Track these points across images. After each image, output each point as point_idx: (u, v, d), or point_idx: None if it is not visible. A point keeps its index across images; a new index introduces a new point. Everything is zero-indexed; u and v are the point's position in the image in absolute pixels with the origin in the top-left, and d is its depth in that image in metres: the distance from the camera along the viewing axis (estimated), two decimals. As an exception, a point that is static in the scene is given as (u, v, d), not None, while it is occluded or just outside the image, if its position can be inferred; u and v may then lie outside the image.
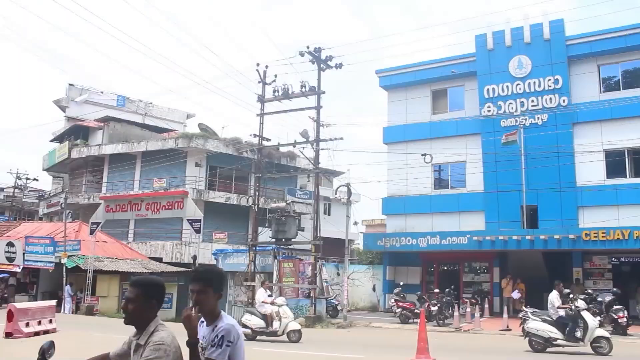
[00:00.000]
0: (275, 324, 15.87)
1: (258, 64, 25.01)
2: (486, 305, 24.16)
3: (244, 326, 15.66)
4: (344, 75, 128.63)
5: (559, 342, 13.96)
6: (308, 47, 23.57)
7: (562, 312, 14.07)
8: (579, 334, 13.74)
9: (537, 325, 14.22)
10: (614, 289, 20.51)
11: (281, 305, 16.22)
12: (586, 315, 13.94)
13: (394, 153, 28.89)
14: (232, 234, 33.60)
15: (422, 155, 26.17)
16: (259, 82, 25.35)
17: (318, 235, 23.35)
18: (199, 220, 26.50)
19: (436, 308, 21.42)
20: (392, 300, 23.61)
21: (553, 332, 13.99)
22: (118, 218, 33.55)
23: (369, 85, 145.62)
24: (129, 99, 46.79)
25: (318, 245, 23.33)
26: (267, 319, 15.94)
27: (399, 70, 30.51)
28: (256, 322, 16.03)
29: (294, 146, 25.55)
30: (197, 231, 26.67)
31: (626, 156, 24.73)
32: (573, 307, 14.00)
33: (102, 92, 45.43)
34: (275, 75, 24.85)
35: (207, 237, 31.71)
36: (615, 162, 24.88)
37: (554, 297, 14.33)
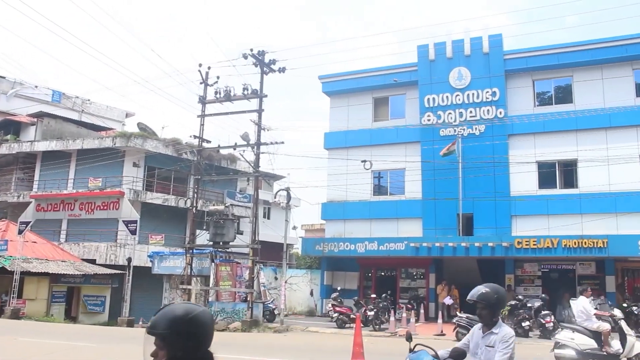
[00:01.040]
0: (615, 345, 12.14)
1: (200, 65, 24.66)
2: (422, 311, 24.51)
3: (565, 346, 12.28)
4: (288, 78, 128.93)
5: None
6: (252, 50, 23.39)
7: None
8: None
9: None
10: (543, 295, 21.32)
11: (620, 319, 12.53)
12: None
13: (335, 159, 29.01)
14: (169, 236, 32.92)
15: (362, 161, 26.38)
16: (201, 83, 25.00)
17: (256, 239, 23.18)
18: (135, 222, 25.85)
19: (373, 313, 21.59)
20: (330, 305, 23.67)
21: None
22: (49, 218, 32.25)
23: (313, 90, 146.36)
24: (65, 94, 45.11)
25: (256, 249, 23.16)
26: (602, 338, 12.18)
27: (341, 77, 30.70)
28: (584, 342, 12.11)
29: (235, 149, 25.22)
30: (133, 233, 25.99)
31: (557, 168, 25.72)
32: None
33: (36, 87, 43.62)
34: (218, 77, 24.58)
35: (143, 238, 30.97)
36: (546, 174, 25.82)
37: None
